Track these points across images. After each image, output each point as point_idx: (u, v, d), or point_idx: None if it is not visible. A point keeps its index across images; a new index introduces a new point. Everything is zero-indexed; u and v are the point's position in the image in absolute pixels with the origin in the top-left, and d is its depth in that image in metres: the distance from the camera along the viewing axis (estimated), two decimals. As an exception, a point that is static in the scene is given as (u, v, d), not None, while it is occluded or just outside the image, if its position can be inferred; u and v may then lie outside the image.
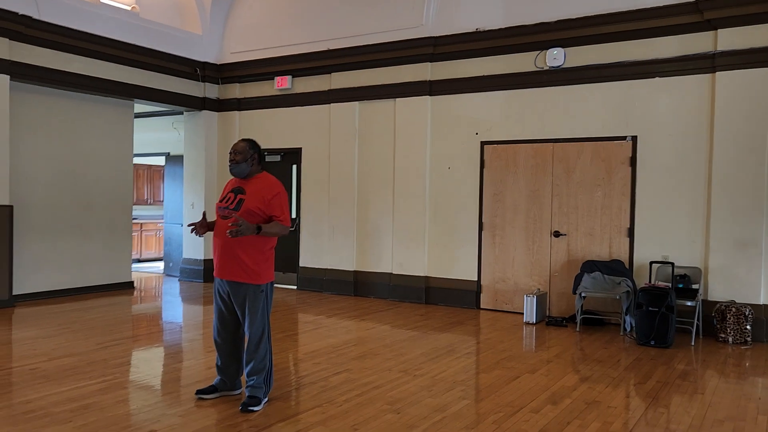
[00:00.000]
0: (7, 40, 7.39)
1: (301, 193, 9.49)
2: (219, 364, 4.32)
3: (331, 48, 8.94)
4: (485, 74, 7.91)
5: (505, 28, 7.67)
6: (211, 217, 4.70)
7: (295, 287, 9.56)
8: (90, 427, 3.72)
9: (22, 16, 7.39)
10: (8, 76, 7.44)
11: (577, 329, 6.83)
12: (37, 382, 4.58)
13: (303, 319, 7.44)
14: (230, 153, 4.15)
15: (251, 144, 4.19)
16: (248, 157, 4.13)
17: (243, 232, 3.84)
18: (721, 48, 6.56)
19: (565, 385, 4.77)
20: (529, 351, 6.08)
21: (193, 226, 4.19)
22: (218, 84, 10.22)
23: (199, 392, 4.31)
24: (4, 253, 7.49)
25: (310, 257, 9.42)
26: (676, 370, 5.27)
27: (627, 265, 7.01)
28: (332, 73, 9.07)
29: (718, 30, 6.58)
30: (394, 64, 8.49)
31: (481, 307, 8.02)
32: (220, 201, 4.19)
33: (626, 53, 7.08)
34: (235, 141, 9.92)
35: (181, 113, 10.52)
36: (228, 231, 3.83)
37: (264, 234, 3.99)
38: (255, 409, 4.03)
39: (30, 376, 4.73)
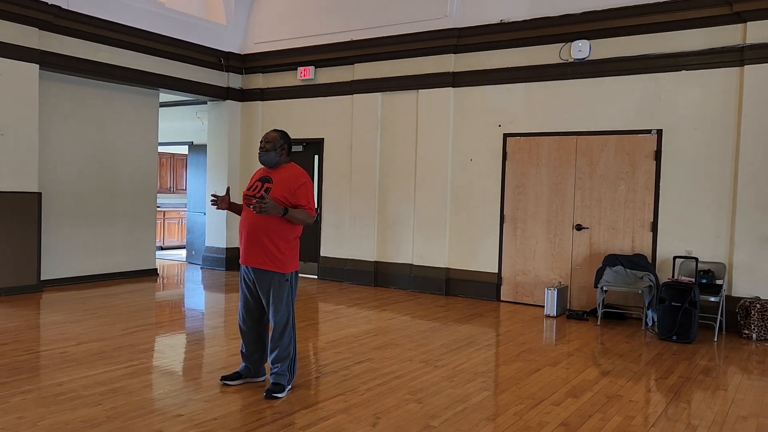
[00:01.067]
0: (37, 29, 7.51)
1: (323, 184, 9.54)
2: (243, 350, 4.39)
3: (354, 39, 8.95)
4: (509, 66, 7.87)
5: (530, 20, 7.62)
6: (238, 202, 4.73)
7: (315, 277, 9.63)
8: (119, 410, 3.81)
9: (52, 5, 7.50)
10: (38, 66, 7.57)
11: (598, 323, 6.82)
12: (67, 366, 4.69)
13: (324, 309, 7.51)
14: (261, 141, 4.21)
15: (282, 134, 4.25)
16: (277, 147, 4.19)
17: (268, 210, 3.92)
18: (750, 41, 6.46)
19: (586, 379, 4.77)
20: (550, 344, 6.08)
21: (215, 197, 4.25)
22: (242, 74, 10.29)
23: (223, 378, 4.39)
24: (33, 239, 7.65)
25: (331, 247, 9.48)
26: (699, 366, 5.24)
27: (650, 260, 6.97)
28: (355, 64, 9.09)
29: (748, 23, 6.47)
30: (418, 55, 8.48)
31: (502, 299, 8.02)
32: (247, 190, 4.25)
33: (653, 46, 7.00)
34: (258, 131, 10.11)
35: (205, 103, 10.62)
36: (253, 205, 3.91)
37: (289, 218, 4.05)
38: (279, 396, 4.10)
39: (60, 360, 4.85)
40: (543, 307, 7.33)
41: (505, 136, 7.96)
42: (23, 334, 5.70)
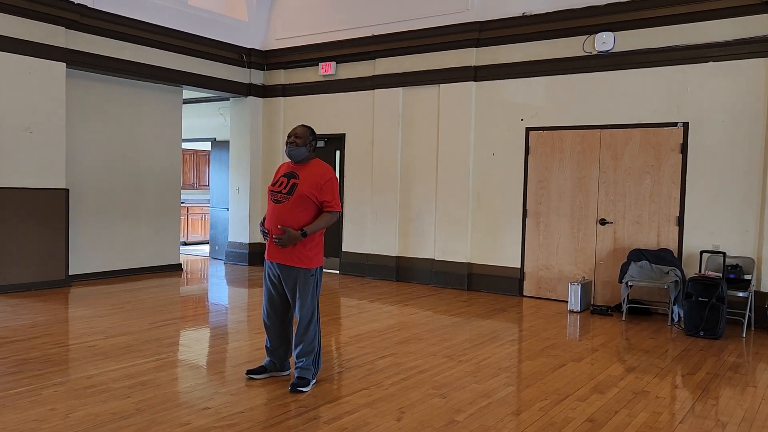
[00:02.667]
0: (63, 28, 7.62)
1: (345, 179, 9.56)
2: (268, 345, 4.43)
3: (375, 34, 8.95)
4: (531, 59, 7.81)
5: (553, 12, 7.54)
6: (263, 201, 4.77)
7: (337, 272, 9.67)
8: (148, 402, 3.87)
9: (78, 4, 7.61)
10: (64, 64, 7.68)
11: (623, 318, 6.75)
12: (96, 359, 4.77)
13: (346, 303, 7.53)
14: (289, 136, 4.23)
15: (310, 130, 4.29)
16: (307, 143, 4.23)
17: (285, 244, 4.06)
18: (780, 31, 6.33)
19: (612, 375, 4.73)
20: (574, 339, 6.04)
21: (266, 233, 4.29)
22: (263, 70, 10.34)
23: (249, 372, 4.43)
24: (61, 234, 7.78)
25: (352, 242, 9.51)
26: (727, 362, 5.17)
27: (676, 255, 6.88)
28: (376, 59, 9.09)
29: (778, 12, 6.35)
30: (439, 49, 8.45)
31: (524, 294, 7.98)
32: (272, 185, 4.28)
33: (678, 37, 6.89)
34: (280, 127, 10.14)
35: (227, 99, 10.70)
36: (274, 239, 4.06)
37: (312, 233, 4.12)
38: (304, 390, 4.13)
39: (89, 353, 4.94)
40: (566, 302, 7.29)
41: (528, 130, 7.91)
42: (53, 327, 5.81)
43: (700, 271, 6.57)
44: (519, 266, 8.01)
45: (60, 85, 7.67)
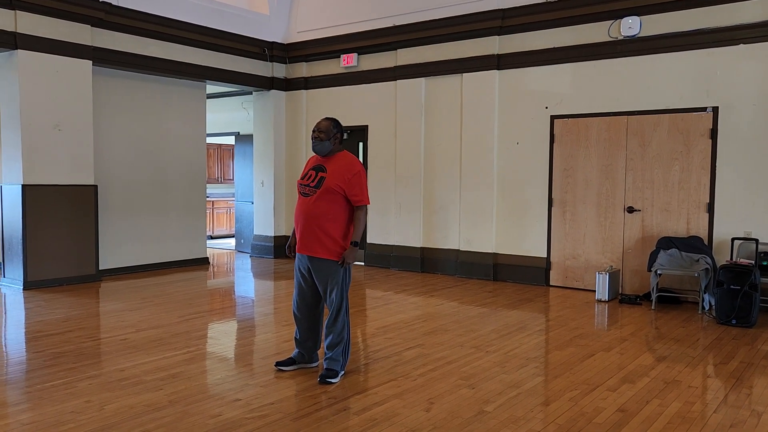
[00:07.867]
0: (89, 26, 7.72)
1: (368, 170, 9.56)
2: (297, 337, 4.46)
3: (396, 24, 8.90)
4: (556, 46, 7.70)
5: (577, -2, 7.43)
6: (292, 194, 4.77)
7: (362, 263, 9.69)
8: (180, 394, 3.93)
9: (103, 2, 7.70)
10: (91, 62, 7.79)
11: (652, 307, 6.66)
12: (128, 352, 4.86)
13: (372, 295, 7.55)
14: (314, 131, 4.24)
15: (335, 123, 4.27)
16: (331, 136, 4.22)
17: (349, 262, 4.17)
18: (813, 11, 6.15)
19: (642, 364, 4.68)
20: (603, 329, 5.98)
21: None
22: (286, 63, 10.37)
23: (278, 364, 4.47)
24: (91, 230, 7.91)
25: (377, 234, 9.51)
26: (761, 351, 5.07)
27: (706, 242, 6.76)
28: (398, 50, 9.05)
29: (811, -9, 6.17)
30: (461, 38, 8.38)
31: (551, 284, 7.92)
32: (301, 178, 4.30)
33: (707, 19, 6.74)
34: (303, 119, 10.17)
35: (250, 93, 10.75)
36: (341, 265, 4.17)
37: (359, 238, 4.21)
38: (333, 381, 4.16)
39: (121, 346, 5.03)
40: (594, 291, 7.21)
41: (553, 118, 7.82)
42: (86, 321, 5.92)
43: (731, 258, 6.45)
44: (545, 256, 7.95)
45: (87, 82, 7.78)
